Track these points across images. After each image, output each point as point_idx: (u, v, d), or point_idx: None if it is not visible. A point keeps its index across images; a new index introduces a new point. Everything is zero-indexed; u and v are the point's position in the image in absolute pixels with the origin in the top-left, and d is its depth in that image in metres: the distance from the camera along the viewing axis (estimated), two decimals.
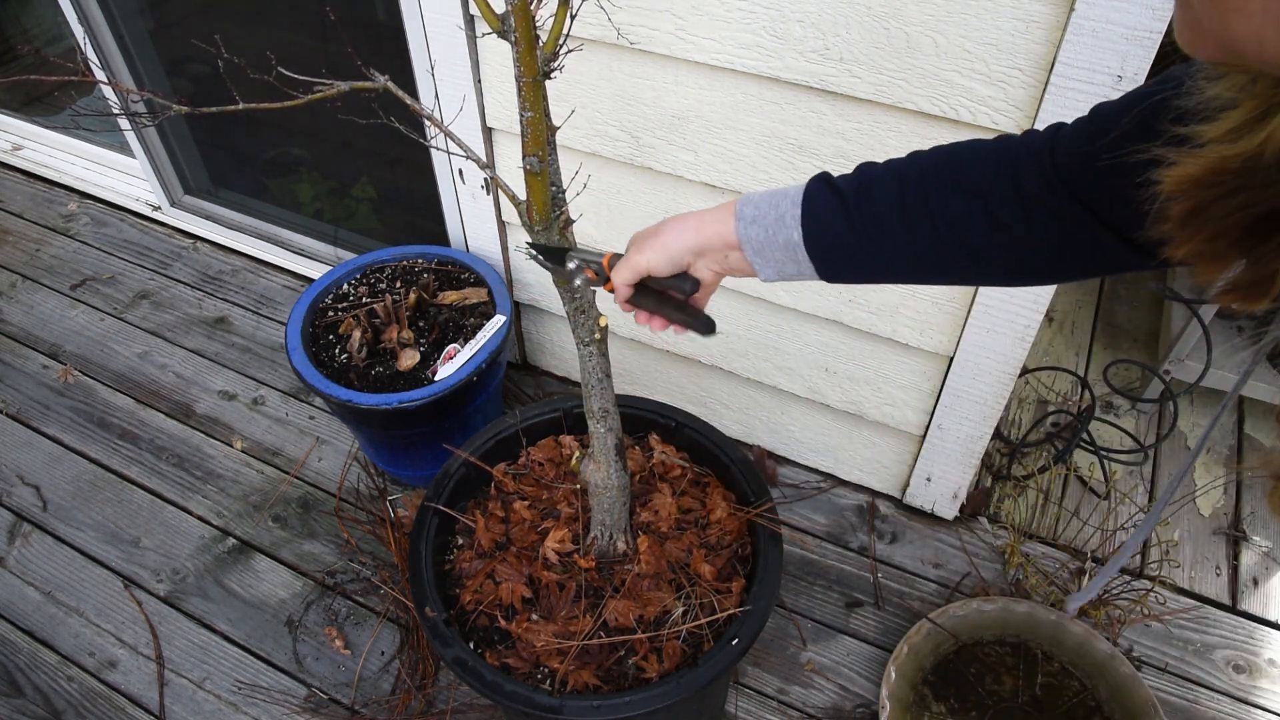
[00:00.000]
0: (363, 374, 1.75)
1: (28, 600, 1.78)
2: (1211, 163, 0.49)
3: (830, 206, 0.79)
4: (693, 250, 0.87)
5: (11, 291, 2.46)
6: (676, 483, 1.47)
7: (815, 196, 0.80)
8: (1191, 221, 0.52)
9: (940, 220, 0.76)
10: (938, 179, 0.76)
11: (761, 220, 0.82)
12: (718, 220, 0.85)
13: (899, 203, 0.77)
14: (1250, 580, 1.78)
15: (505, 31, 0.83)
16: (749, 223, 0.83)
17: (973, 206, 0.74)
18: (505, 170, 1.76)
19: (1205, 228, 0.52)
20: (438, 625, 1.26)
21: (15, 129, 2.89)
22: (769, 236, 0.82)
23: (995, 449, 2.01)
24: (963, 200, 0.75)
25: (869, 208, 0.78)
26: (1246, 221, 0.49)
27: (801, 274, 0.84)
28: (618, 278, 0.91)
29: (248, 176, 2.49)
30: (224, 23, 2.13)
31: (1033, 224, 0.72)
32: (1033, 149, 0.72)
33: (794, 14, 1.29)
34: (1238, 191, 0.48)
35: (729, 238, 0.84)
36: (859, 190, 0.79)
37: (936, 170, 0.77)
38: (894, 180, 0.78)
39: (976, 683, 1.57)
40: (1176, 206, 0.52)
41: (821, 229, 0.80)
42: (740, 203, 0.84)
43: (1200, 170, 0.50)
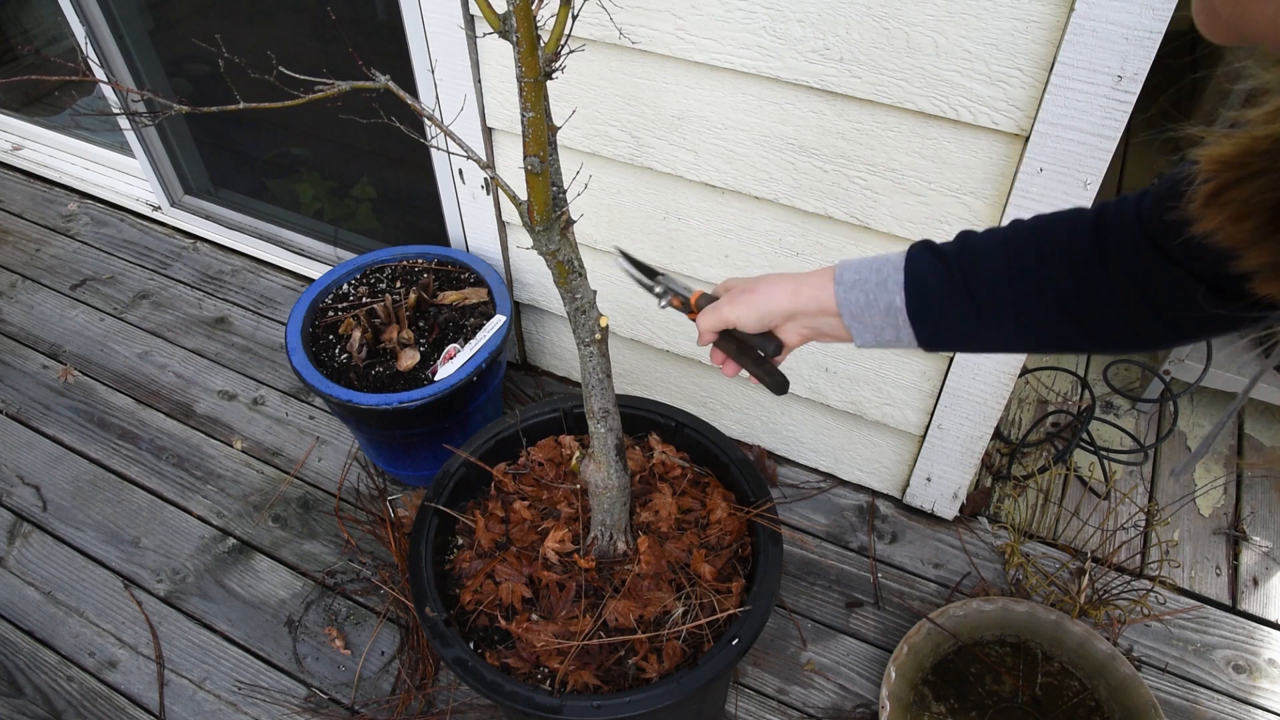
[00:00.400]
0: (363, 374, 1.74)
1: (28, 600, 1.78)
2: (1243, 143, 0.49)
3: (934, 271, 0.79)
4: (786, 314, 0.87)
5: (11, 291, 2.46)
6: (676, 483, 1.47)
7: (918, 260, 0.80)
8: (1215, 200, 0.52)
9: (1045, 286, 0.75)
10: (1038, 245, 0.76)
11: (862, 285, 0.82)
12: (816, 285, 0.85)
13: (1003, 270, 0.77)
14: (1250, 580, 1.78)
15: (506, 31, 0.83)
16: (849, 287, 0.83)
17: (1073, 273, 0.74)
18: (505, 170, 1.76)
19: (1228, 208, 0.51)
20: (438, 625, 1.26)
21: (15, 129, 2.89)
22: (869, 300, 0.82)
23: (995, 449, 2.01)
24: (1063, 267, 0.75)
25: (974, 272, 0.78)
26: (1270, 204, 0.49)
27: (899, 340, 0.83)
28: (704, 324, 0.92)
29: (248, 176, 2.49)
30: (224, 23, 2.13)
31: (1125, 286, 0.72)
32: (1124, 211, 0.73)
33: (794, 14, 1.29)
34: (1262, 174, 0.48)
35: (826, 303, 0.84)
36: (961, 254, 0.79)
37: (1038, 237, 0.77)
38: (997, 242, 0.78)
39: (976, 683, 1.57)
40: (1205, 186, 0.52)
41: (924, 292, 0.79)
42: (840, 267, 0.84)
43: (1232, 150, 0.50)
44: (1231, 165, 0.50)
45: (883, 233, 1.47)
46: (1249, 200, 0.50)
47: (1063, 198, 1.28)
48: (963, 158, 1.33)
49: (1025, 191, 1.30)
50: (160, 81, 2.35)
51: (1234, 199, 0.51)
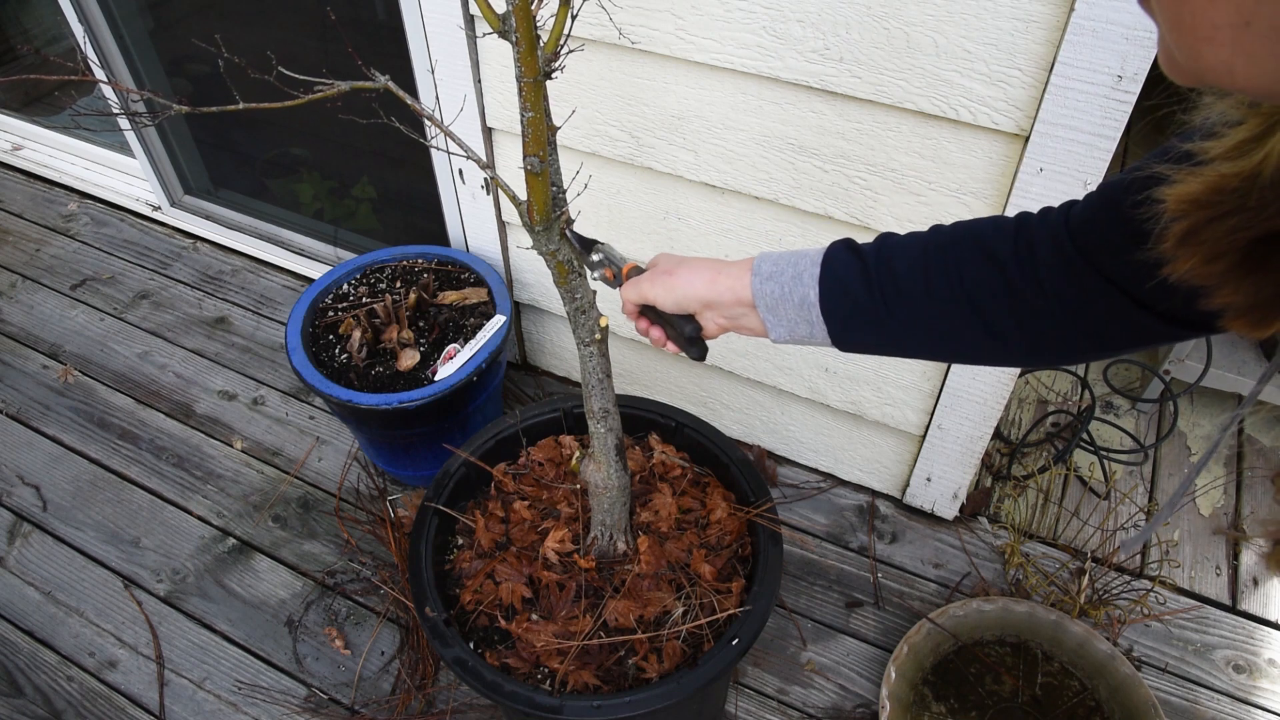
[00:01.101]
0: (363, 374, 1.74)
1: (28, 600, 1.78)
2: (1211, 181, 0.48)
3: (849, 266, 0.79)
4: (701, 301, 0.87)
5: (11, 291, 2.46)
6: (676, 483, 1.47)
7: (835, 257, 0.80)
8: (1189, 241, 0.51)
9: (958, 286, 0.75)
10: (955, 245, 0.76)
11: (778, 276, 0.82)
12: (734, 275, 0.85)
13: (919, 266, 0.76)
14: (1250, 580, 1.78)
15: (506, 31, 0.83)
16: (765, 278, 0.82)
17: (990, 272, 0.74)
18: (505, 170, 1.76)
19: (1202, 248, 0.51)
20: (438, 625, 1.26)
21: (15, 129, 2.89)
22: (784, 293, 0.81)
23: (995, 449, 2.01)
24: (980, 266, 0.74)
25: (888, 270, 0.77)
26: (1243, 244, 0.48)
27: (814, 336, 0.83)
28: (624, 294, 0.93)
29: (248, 176, 2.49)
30: (224, 23, 2.13)
31: (1046, 292, 0.71)
32: (1049, 220, 0.72)
33: (794, 14, 1.29)
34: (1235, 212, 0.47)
35: (742, 294, 0.84)
36: (879, 252, 0.79)
37: (955, 238, 0.76)
38: (915, 245, 0.78)
39: (976, 683, 1.57)
40: (1175, 226, 0.51)
41: (838, 288, 0.79)
42: (759, 258, 0.84)
43: (1200, 189, 0.49)
44: (1202, 205, 0.49)
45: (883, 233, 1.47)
46: (1221, 240, 0.49)
47: (1063, 198, 1.27)
48: (963, 158, 1.33)
49: (1025, 191, 1.30)
50: (160, 81, 2.35)
51: (1207, 239, 0.50)
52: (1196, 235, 0.50)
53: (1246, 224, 0.47)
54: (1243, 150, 0.46)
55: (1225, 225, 0.48)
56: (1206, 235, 0.50)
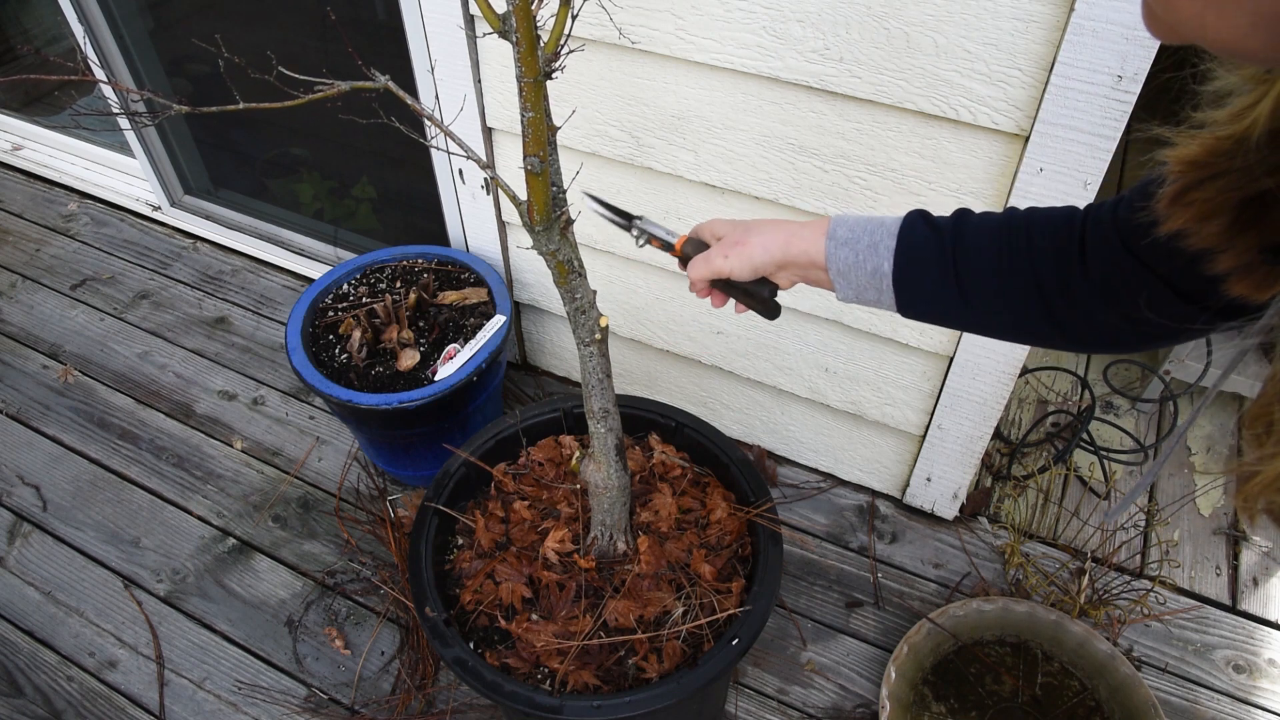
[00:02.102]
0: (363, 374, 1.74)
1: (28, 600, 1.77)
2: (1208, 144, 0.50)
3: (927, 242, 0.80)
4: (777, 263, 0.87)
5: (11, 291, 2.46)
6: (676, 483, 1.47)
7: (913, 230, 0.81)
8: (1180, 200, 0.53)
9: (1028, 272, 0.76)
10: (1028, 230, 0.77)
11: (854, 244, 0.83)
12: (807, 238, 0.85)
13: (993, 250, 0.78)
14: (1250, 580, 1.78)
15: (506, 31, 0.83)
16: (840, 244, 0.83)
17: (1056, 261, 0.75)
18: (505, 170, 1.76)
19: (1193, 207, 0.53)
20: (438, 625, 1.26)
21: (15, 129, 2.89)
22: (858, 261, 0.82)
23: (995, 449, 2.01)
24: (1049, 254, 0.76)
25: (964, 250, 0.79)
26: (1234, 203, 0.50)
27: (880, 302, 0.84)
28: (695, 274, 0.92)
29: (248, 176, 2.49)
30: (224, 23, 2.13)
31: (1094, 281, 0.73)
32: (1102, 211, 0.74)
33: (794, 14, 1.29)
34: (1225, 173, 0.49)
35: (816, 257, 0.85)
36: (956, 230, 0.80)
37: (1029, 223, 0.78)
38: (991, 226, 0.79)
39: (976, 683, 1.57)
40: (1171, 186, 0.53)
41: (913, 263, 0.80)
42: (834, 222, 0.84)
43: (1198, 151, 0.51)
44: (1196, 165, 0.51)
45: None
46: (1213, 199, 0.51)
47: (1062, 198, 1.28)
48: (963, 158, 1.33)
49: (1025, 192, 1.30)
50: (160, 81, 2.35)
51: (1198, 198, 0.52)
52: (1188, 194, 0.52)
53: (1236, 184, 0.50)
54: (1237, 116, 0.48)
55: (1216, 185, 0.51)
56: (1198, 194, 0.52)
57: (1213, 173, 0.50)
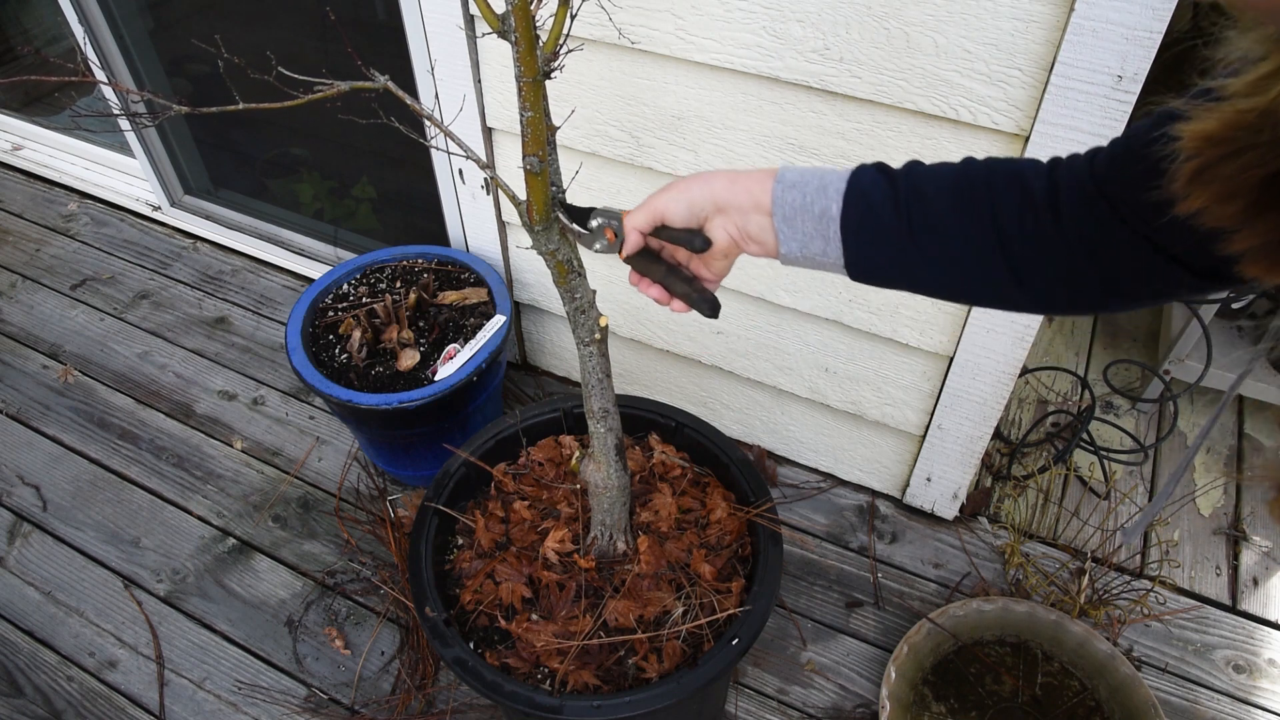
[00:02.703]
0: (363, 374, 1.75)
1: (28, 600, 1.78)
2: (1228, 117, 0.47)
3: (877, 185, 0.76)
4: (715, 202, 0.82)
5: (11, 291, 2.46)
6: (676, 483, 1.47)
7: (864, 174, 0.77)
8: (1201, 178, 0.50)
9: (988, 218, 0.72)
10: (991, 178, 0.73)
11: (802, 186, 0.79)
12: (755, 179, 0.81)
13: (950, 193, 0.74)
14: (1250, 580, 1.78)
15: (505, 31, 0.83)
16: (788, 186, 0.79)
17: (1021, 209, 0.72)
18: (505, 170, 1.76)
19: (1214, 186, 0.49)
20: (438, 625, 1.26)
21: (15, 129, 2.89)
22: (805, 203, 0.78)
23: (995, 449, 2.01)
24: (1013, 201, 0.72)
25: (918, 194, 0.75)
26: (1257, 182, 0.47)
27: (826, 255, 0.79)
28: (630, 222, 0.87)
29: (248, 176, 2.49)
30: (224, 23, 2.13)
31: (1067, 234, 0.70)
32: (1076, 162, 0.71)
33: (794, 14, 1.29)
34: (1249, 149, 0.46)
35: (761, 199, 0.80)
36: (910, 176, 0.76)
37: (991, 170, 0.74)
38: (948, 174, 0.75)
39: (976, 683, 1.57)
40: (1188, 164, 0.50)
41: (863, 204, 0.76)
42: (783, 167, 0.81)
43: (1216, 125, 0.47)
44: (1216, 141, 0.48)
45: None
46: (1234, 178, 0.48)
47: None
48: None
49: None
50: (160, 82, 2.35)
51: (1219, 177, 0.49)
52: (1209, 172, 0.49)
53: (1260, 160, 0.46)
54: (1261, 86, 0.45)
55: (1238, 162, 0.47)
56: (1219, 173, 0.48)
57: (1234, 149, 0.47)
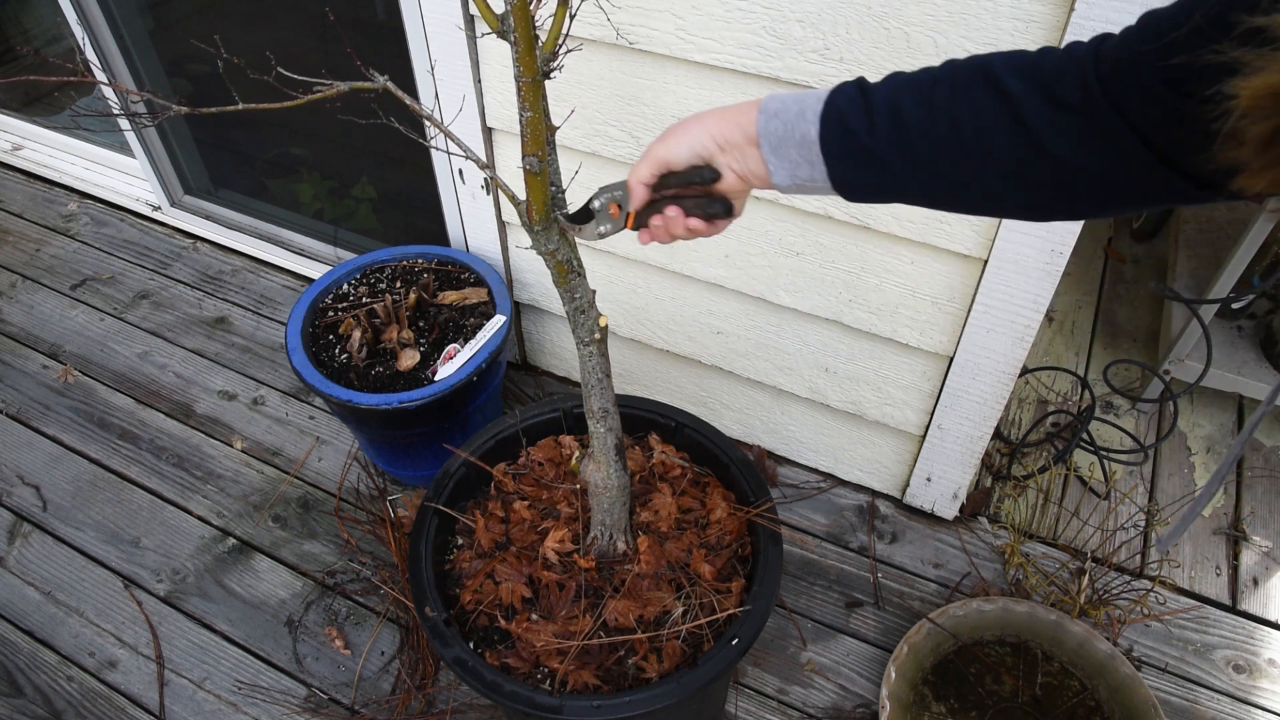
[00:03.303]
0: (363, 374, 1.75)
1: (28, 600, 1.78)
2: None
3: (853, 103, 0.74)
4: (715, 139, 0.82)
5: (11, 291, 2.46)
6: (676, 483, 1.47)
7: (840, 93, 0.76)
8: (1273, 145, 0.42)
9: (966, 120, 0.69)
10: (968, 80, 0.70)
11: (783, 114, 0.78)
12: (742, 112, 0.81)
13: (925, 99, 0.71)
14: (1250, 580, 1.78)
15: (504, 31, 0.83)
16: (770, 116, 0.79)
17: (1000, 107, 0.67)
18: (505, 170, 1.76)
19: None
20: (438, 625, 1.26)
21: (15, 129, 2.89)
22: (787, 131, 0.78)
23: (995, 449, 2.01)
24: (991, 100, 0.67)
25: (893, 107, 0.72)
26: None
27: (815, 180, 0.78)
28: (635, 176, 0.87)
29: (248, 176, 2.49)
30: (224, 23, 2.13)
31: (1062, 134, 0.64)
32: (1075, 55, 0.65)
33: (794, 14, 1.29)
34: None
35: (750, 130, 0.80)
36: (886, 89, 0.74)
37: (970, 70, 0.70)
38: (924, 79, 0.72)
39: (976, 683, 1.57)
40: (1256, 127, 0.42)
41: (839, 124, 0.75)
42: (767, 97, 0.80)
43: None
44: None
45: (883, 232, 1.47)
46: None
47: None
48: None
49: None
50: (160, 82, 2.35)
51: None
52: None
53: None
54: None
55: None
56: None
57: None
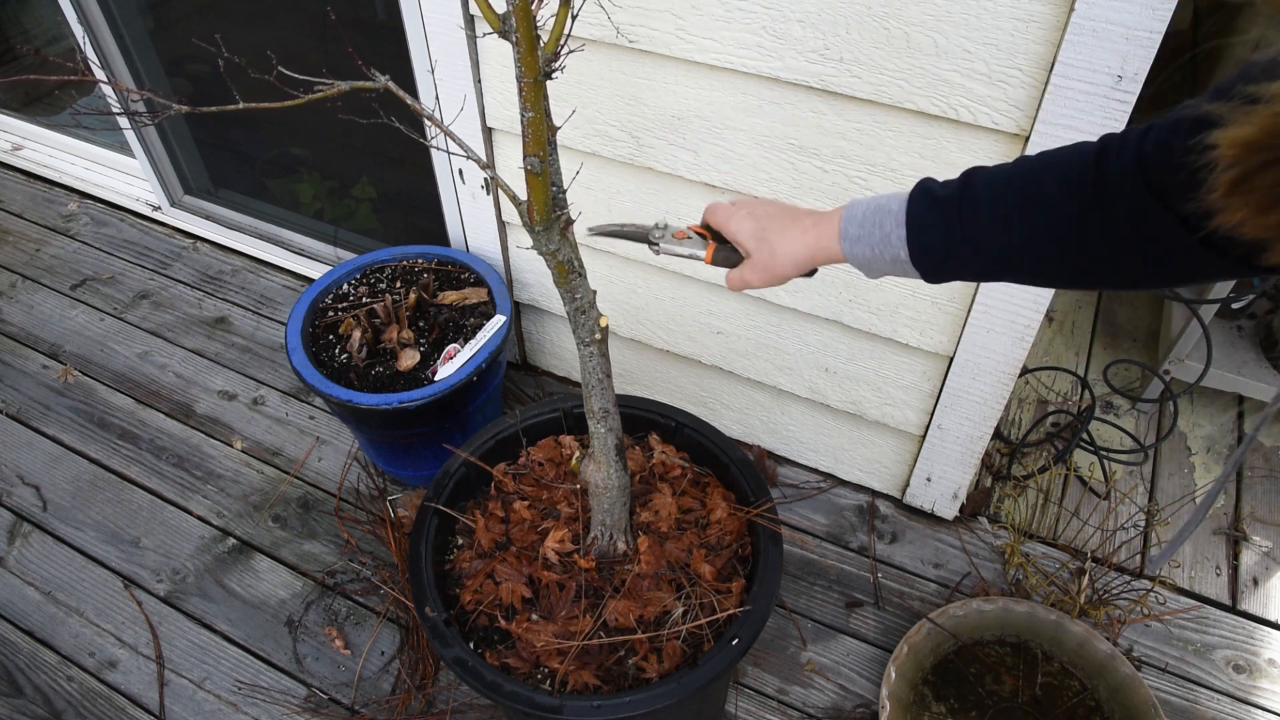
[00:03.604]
0: (363, 374, 1.74)
1: (28, 600, 1.77)
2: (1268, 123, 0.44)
3: (934, 224, 0.80)
4: (804, 270, 0.90)
5: (11, 291, 2.46)
6: (676, 483, 1.47)
7: (919, 217, 0.80)
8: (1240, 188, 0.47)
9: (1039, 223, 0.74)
10: (1039, 176, 0.74)
11: (866, 240, 0.84)
12: (823, 235, 0.87)
13: (1002, 203, 0.76)
14: (1250, 580, 1.78)
15: (506, 31, 0.83)
16: (854, 241, 0.85)
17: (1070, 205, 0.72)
18: (505, 170, 1.76)
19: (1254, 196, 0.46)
20: (438, 625, 1.26)
21: (15, 129, 2.89)
22: (875, 255, 0.84)
23: (995, 449, 2.01)
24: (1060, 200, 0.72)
25: (974, 218, 0.78)
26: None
27: (909, 275, 0.85)
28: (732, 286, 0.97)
29: (248, 176, 2.49)
30: (224, 23, 2.13)
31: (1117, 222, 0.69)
32: (1127, 144, 0.69)
33: (794, 14, 1.29)
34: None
35: (836, 255, 0.87)
36: (963, 201, 0.79)
37: (1040, 167, 0.75)
38: (999, 184, 0.77)
39: (976, 683, 1.57)
40: (1226, 174, 0.47)
41: (927, 244, 0.80)
42: (844, 220, 0.85)
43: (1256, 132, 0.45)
44: (1256, 148, 0.45)
45: None
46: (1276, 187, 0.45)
47: None
48: (963, 158, 1.33)
49: None
50: (160, 81, 2.35)
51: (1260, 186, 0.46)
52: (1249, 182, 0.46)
53: None
54: None
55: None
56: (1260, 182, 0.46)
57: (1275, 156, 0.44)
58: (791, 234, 0.89)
